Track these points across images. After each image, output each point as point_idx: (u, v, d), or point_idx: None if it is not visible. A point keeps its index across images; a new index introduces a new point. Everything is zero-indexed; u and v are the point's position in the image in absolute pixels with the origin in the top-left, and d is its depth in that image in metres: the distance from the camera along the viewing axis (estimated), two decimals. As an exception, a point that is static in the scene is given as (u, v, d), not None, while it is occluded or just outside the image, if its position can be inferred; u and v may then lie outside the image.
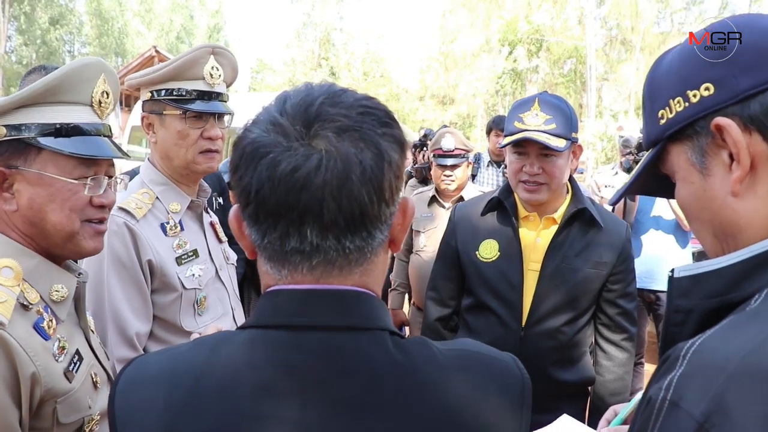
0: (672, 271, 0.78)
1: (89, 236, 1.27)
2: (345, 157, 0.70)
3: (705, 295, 0.74)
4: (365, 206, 0.71)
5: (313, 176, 0.69)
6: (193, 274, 1.73)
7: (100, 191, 1.26)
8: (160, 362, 0.78)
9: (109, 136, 1.31)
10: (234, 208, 0.78)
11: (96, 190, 1.26)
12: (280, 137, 0.71)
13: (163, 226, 1.72)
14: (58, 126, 1.20)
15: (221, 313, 1.82)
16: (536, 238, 2.02)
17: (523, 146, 1.93)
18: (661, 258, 4.03)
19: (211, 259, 1.84)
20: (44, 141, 1.18)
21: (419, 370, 0.74)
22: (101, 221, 1.29)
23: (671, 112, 0.79)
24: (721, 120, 0.73)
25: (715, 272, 0.73)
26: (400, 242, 0.81)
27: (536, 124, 1.88)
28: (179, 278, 1.69)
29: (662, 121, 0.81)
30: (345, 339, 0.73)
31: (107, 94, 1.31)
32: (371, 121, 0.73)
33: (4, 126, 1.16)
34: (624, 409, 1.28)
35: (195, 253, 1.76)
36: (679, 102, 0.78)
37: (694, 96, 0.76)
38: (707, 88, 0.74)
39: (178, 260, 1.71)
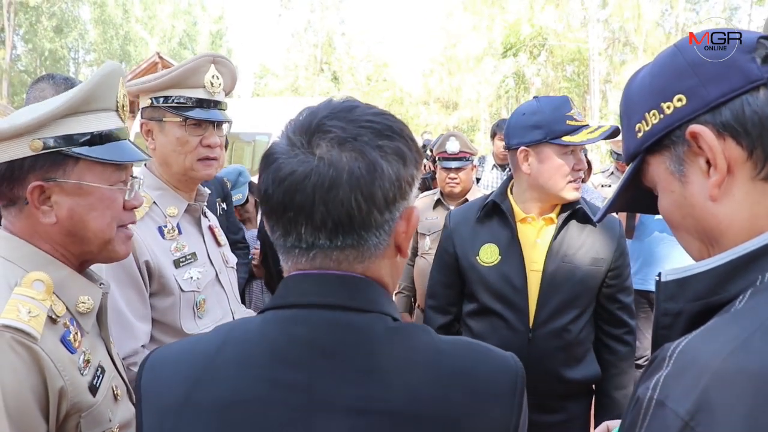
0: (659, 275, 0.80)
1: (122, 242, 1.29)
2: (336, 164, 0.77)
3: (691, 298, 0.75)
4: (352, 211, 0.78)
5: (306, 180, 0.77)
6: (192, 277, 1.73)
7: (133, 194, 1.30)
8: (183, 344, 0.88)
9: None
10: None
11: (130, 194, 1.29)
12: (288, 146, 0.80)
13: (160, 230, 1.73)
14: (93, 134, 1.20)
15: (221, 315, 1.82)
16: (536, 239, 2.02)
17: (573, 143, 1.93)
18: (666, 260, 4.01)
19: (211, 262, 1.84)
20: (81, 151, 1.18)
21: (415, 349, 0.80)
22: (128, 225, 1.32)
23: (647, 125, 0.82)
24: (696, 127, 0.75)
25: (699, 275, 0.75)
26: (405, 249, 0.86)
27: (581, 120, 1.92)
28: (177, 281, 1.69)
29: (639, 135, 0.84)
30: (348, 317, 0.80)
31: (126, 96, 1.33)
32: (369, 133, 0.80)
33: (40, 139, 1.14)
34: (617, 428, 1.28)
35: (193, 256, 1.76)
36: (654, 114, 0.81)
37: (668, 107, 0.79)
38: (680, 99, 0.78)
39: (176, 263, 1.71)
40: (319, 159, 0.77)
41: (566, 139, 1.89)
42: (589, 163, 4.34)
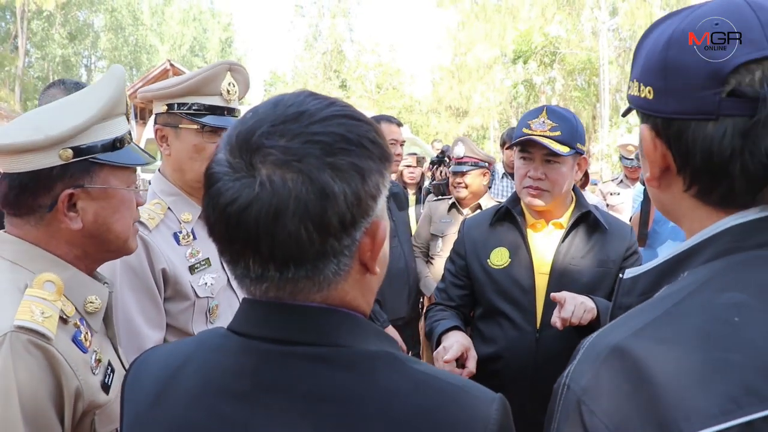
0: (623, 273, 0.88)
1: (133, 237, 1.33)
2: (279, 191, 0.68)
3: (638, 293, 0.83)
4: (303, 243, 0.69)
5: (248, 210, 0.68)
6: (206, 283, 1.74)
7: (141, 193, 1.35)
8: (166, 350, 0.86)
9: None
10: None
11: (143, 194, 1.35)
12: (228, 166, 0.72)
13: (176, 236, 1.74)
14: (114, 140, 1.24)
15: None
16: (545, 242, 2.08)
17: (530, 151, 2.01)
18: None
19: (223, 267, 1.84)
20: (106, 157, 1.21)
21: (365, 389, 0.73)
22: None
23: (631, 90, 0.83)
24: (643, 127, 0.80)
25: (645, 273, 0.83)
26: (372, 267, 0.78)
27: (542, 130, 1.97)
28: (192, 287, 1.70)
29: (630, 91, 0.84)
30: (296, 352, 0.74)
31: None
32: (317, 150, 0.69)
33: (71, 148, 1.17)
34: None
35: (207, 261, 1.77)
36: (637, 86, 0.81)
37: (642, 92, 0.79)
38: (650, 92, 0.78)
39: (191, 269, 1.72)
40: (260, 185, 0.68)
41: (514, 142, 2.04)
42: (586, 173, 4.32)
